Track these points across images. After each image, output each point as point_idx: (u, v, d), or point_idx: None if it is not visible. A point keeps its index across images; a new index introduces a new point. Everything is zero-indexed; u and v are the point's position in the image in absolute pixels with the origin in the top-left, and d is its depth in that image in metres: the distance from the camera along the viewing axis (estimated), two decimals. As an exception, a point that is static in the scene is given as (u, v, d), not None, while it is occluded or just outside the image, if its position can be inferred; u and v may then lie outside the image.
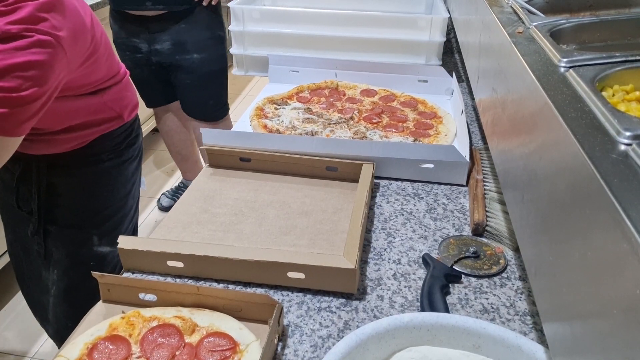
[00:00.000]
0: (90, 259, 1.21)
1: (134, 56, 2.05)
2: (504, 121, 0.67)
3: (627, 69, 0.54)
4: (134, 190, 1.29)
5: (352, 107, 1.27)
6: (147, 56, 2.04)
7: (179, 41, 1.98)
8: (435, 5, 1.61)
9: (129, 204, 1.27)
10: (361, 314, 0.72)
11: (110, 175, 1.20)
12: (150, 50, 2.02)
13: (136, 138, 1.27)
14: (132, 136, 1.24)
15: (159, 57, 2.03)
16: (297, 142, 1.03)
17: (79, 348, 0.64)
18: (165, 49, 2.00)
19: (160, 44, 1.99)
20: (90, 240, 1.20)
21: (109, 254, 1.23)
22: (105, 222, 1.22)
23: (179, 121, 2.33)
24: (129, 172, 1.25)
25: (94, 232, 1.20)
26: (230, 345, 0.64)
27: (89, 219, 1.20)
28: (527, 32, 0.69)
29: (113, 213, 1.23)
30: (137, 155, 1.28)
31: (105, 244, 1.22)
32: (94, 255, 1.21)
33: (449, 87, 1.36)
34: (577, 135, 0.41)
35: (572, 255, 0.40)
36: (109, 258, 1.24)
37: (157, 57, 2.03)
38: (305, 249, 0.84)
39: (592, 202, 0.37)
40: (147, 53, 2.03)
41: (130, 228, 1.31)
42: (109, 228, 1.22)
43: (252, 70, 1.54)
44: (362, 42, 1.45)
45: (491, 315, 0.72)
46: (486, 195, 0.93)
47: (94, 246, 1.21)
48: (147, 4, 1.89)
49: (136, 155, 1.28)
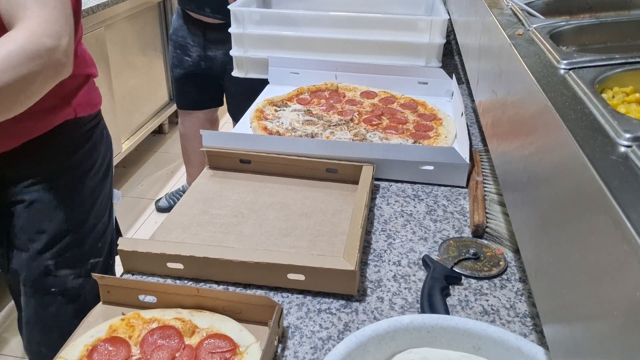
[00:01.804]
0: (50, 286, 1.08)
1: (182, 56, 2.07)
2: (504, 123, 0.67)
3: (627, 70, 0.55)
4: (97, 208, 1.12)
5: (352, 109, 1.27)
6: (196, 61, 2.05)
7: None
8: (435, 7, 1.61)
9: (90, 222, 1.11)
10: (361, 316, 0.72)
11: (58, 191, 1.05)
12: (201, 55, 2.03)
13: (94, 147, 1.11)
14: (89, 143, 1.10)
15: (209, 64, 2.04)
16: (297, 144, 1.03)
17: (79, 350, 0.64)
18: (217, 57, 2.01)
19: (213, 51, 2.01)
20: (42, 264, 1.06)
21: (70, 280, 1.08)
22: (56, 243, 1.06)
23: (199, 128, 2.35)
24: (87, 188, 1.10)
25: (46, 256, 1.06)
26: (230, 347, 0.64)
27: (38, 240, 1.05)
28: (527, 34, 0.69)
29: (65, 233, 1.07)
30: (100, 166, 1.13)
31: (63, 267, 1.07)
32: (54, 283, 1.08)
33: (449, 89, 1.36)
34: (577, 137, 0.41)
35: (573, 256, 0.40)
36: (76, 285, 1.09)
37: (207, 63, 2.04)
38: (305, 250, 0.84)
39: (592, 204, 0.37)
40: (197, 58, 2.04)
41: (103, 248, 1.14)
42: (63, 250, 1.07)
43: (252, 72, 1.54)
44: (362, 44, 1.45)
45: (491, 317, 0.72)
46: (486, 197, 0.93)
47: (50, 272, 1.07)
48: (207, 10, 1.91)
49: (99, 167, 1.12)
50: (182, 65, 2.09)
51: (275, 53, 1.48)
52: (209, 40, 2.00)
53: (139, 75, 2.80)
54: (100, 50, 2.37)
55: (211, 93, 2.18)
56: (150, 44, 2.87)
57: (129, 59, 2.68)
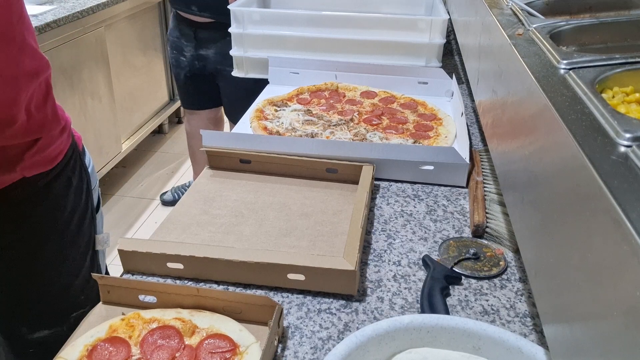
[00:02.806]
0: (28, 348, 0.98)
1: (178, 57, 2.08)
2: (504, 123, 0.67)
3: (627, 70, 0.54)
4: (67, 267, 0.97)
5: (352, 109, 1.27)
6: (190, 60, 2.06)
7: (222, 53, 1.99)
8: (435, 7, 1.61)
9: (62, 282, 0.96)
10: (361, 316, 0.72)
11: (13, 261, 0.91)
12: (194, 55, 2.04)
13: (56, 204, 0.93)
14: (48, 201, 0.92)
15: (203, 63, 2.04)
16: (297, 144, 1.03)
17: (79, 350, 0.64)
18: (209, 56, 2.01)
19: (205, 51, 2.01)
20: (16, 332, 0.97)
21: (50, 336, 0.97)
22: (26, 310, 0.95)
23: (203, 127, 2.34)
24: (49, 251, 0.94)
25: (17, 324, 0.96)
26: (230, 347, 0.64)
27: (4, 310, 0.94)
28: (526, 34, 0.69)
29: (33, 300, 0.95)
30: (69, 221, 0.96)
31: (38, 329, 0.97)
32: (32, 344, 0.98)
33: (449, 89, 1.36)
34: (577, 137, 0.41)
35: (573, 256, 0.39)
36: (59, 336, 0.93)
37: (200, 62, 2.04)
38: (305, 250, 0.84)
39: (592, 204, 0.37)
40: (191, 57, 2.05)
41: (88, 298, 0.99)
42: (35, 315, 0.96)
43: (252, 72, 1.54)
44: (362, 44, 1.45)
45: (491, 316, 0.72)
46: (486, 197, 0.93)
47: (25, 336, 0.97)
48: (193, 8, 1.91)
49: (66, 224, 0.95)
50: (180, 66, 2.10)
51: (275, 53, 1.48)
52: (200, 40, 2.00)
53: (139, 75, 2.80)
54: (100, 50, 2.38)
55: (209, 93, 2.18)
56: (150, 44, 2.87)
57: (129, 59, 2.68)
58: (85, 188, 0.99)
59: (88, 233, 1.01)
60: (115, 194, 2.70)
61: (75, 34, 2.18)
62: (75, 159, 0.97)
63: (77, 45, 2.20)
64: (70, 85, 2.19)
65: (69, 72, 2.17)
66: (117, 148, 2.62)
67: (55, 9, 2.13)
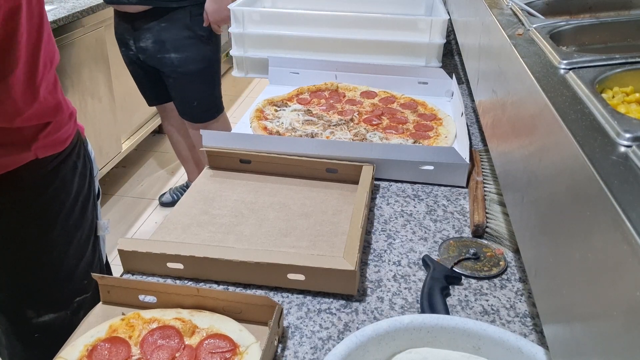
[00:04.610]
0: (34, 332, 1.01)
1: (127, 53, 2.07)
2: (504, 123, 0.67)
3: (627, 70, 0.54)
4: (73, 248, 1.01)
5: (352, 109, 1.27)
6: (135, 54, 2.04)
7: (159, 40, 1.96)
8: (435, 7, 1.61)
9: (69, 263, 1.01)
10: (361, 316, 0.72)
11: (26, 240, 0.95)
12: (136, 47, 2.02)
13: (63, 186, 0.98)
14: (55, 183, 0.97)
15: (144, 55, 2.02)
16: (297, 144, 1.03)
17: (79, 350, 0.64)
18: (148, 47, 1.99)
19: (144, 42, 1.98)
20: (22, 316, 1.00)
21: (55, 321, 1.01)
22: (33, 292, 0.99)
23: (178, 122, 2.33)
24: (58, 232, 0.98)
25: (24, 306, 0.99)
26: (230, 347, 0.64)
27: (12, 291, 0.98)
28: (526, 34, 0.69)
29: (41, 281, 0.99)
30: (73, 205, 1.00)
31: (45, 313, 1.00)
32: (37, 329, 1.01)
33: (449, 89, 1.36)
34: (577, 137, 0.41)
35: (573, 256, 0.39)
36: (64, 322, 1.02)
37: (142, 54, 2.02)
38: (305, 250, 0.84)
39: (592, 204, 0.37)
40: (135, 51, 2.03)
41: (91, 283, 1.03)
42: (42, 298, 1.00)
43: (252, 72, 1.54)
44: (362, 44, 1.45)
45: (491, 317, 0.72)
46: (486, 197, 0.93)
47: (31, 320, 1.00)
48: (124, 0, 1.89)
49: (71, 206, 0.99)
50: (130, 61, 2.08)
51: (275, 53, 1.48)
52: (138, 31, 1.97)
53: (139, 75, 2.79)
54: (100, 50, 2.37)
55: (162, 85, 2.13)
56: (150, 44, 2.87)
57: (129, 59, 2.67)
58: (89, 174, 1.05)
59: (91, 218, 1.05)
60: (115, 194, 2.70)
61: (75, 34, 2.18)
62: (79, 146, 1.02)
63: (77, 45, 2.20)
64: (71, 85, 2.19)
65: (69, 72, 2.17)
66: (117, 148, 2.62)
67: (55, 9, 2.13)
